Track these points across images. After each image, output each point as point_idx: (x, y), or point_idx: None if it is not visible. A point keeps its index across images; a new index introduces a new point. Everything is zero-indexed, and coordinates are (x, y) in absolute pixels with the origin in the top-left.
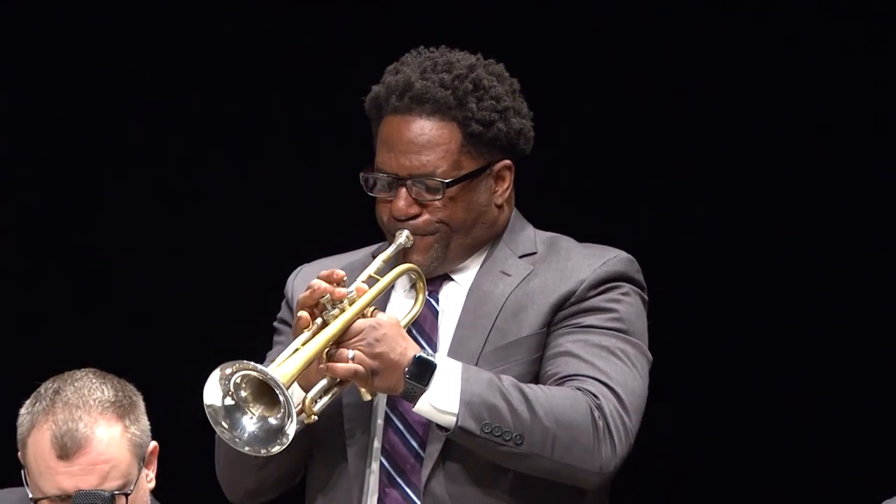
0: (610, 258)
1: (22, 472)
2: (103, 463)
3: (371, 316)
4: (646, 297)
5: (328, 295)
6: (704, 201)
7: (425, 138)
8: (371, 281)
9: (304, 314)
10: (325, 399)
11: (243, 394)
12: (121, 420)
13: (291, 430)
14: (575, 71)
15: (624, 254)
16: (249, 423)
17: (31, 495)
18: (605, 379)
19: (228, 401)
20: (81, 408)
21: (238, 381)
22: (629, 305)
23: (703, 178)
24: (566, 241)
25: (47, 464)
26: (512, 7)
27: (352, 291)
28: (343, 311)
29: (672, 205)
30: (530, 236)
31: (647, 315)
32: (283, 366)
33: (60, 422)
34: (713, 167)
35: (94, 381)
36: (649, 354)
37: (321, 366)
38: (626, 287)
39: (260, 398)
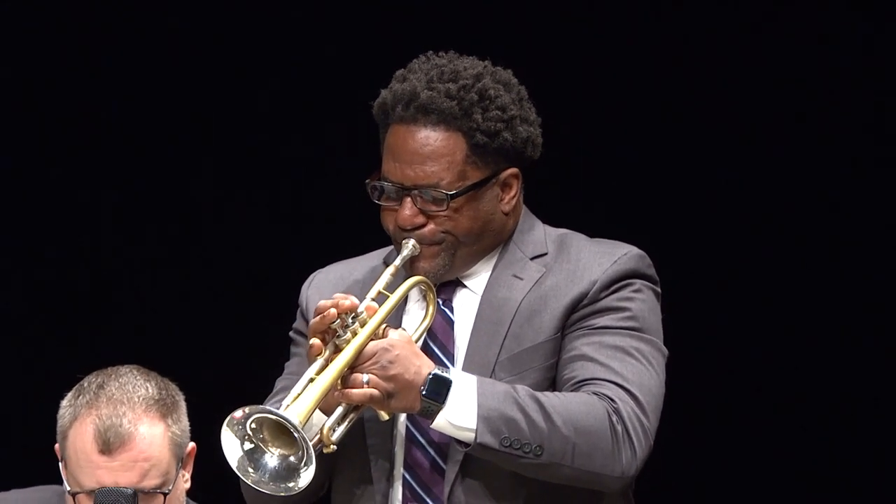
0: (620, 256)
1: (59, 464)
2: (144, 461)
3: (383, 335)
4: (659, 290)
5: (338, 319)
6: (716, 200)
7: (430, 149)
8: (381, 298)
9: (315, 341)
10: (343, 427)
11: (262, 435)
12: (163, 419)
13: (310, 473)
14: (579, 72)
15: (635, 250)
16: (271, 460)
17: (68, 488)
18: (622, 381)
19: (248, 445)
20: (126, 404)
21: (254, 425)
22: (642, 302)
23: (709, 178)
24: (577, 239)
25: (88, 458)
26: (527, 7)
27: (362, 312)
28: (355, 333)
29: (682, 204)
30: (540, 237)
31: (661, 309)
32: (298, 402)
33: (104, 416)
34: (721, 167)
35: (138, 377)
36: (665, 349)
37: (336, 393)
38: (638, 283)
39: (279, 437)
